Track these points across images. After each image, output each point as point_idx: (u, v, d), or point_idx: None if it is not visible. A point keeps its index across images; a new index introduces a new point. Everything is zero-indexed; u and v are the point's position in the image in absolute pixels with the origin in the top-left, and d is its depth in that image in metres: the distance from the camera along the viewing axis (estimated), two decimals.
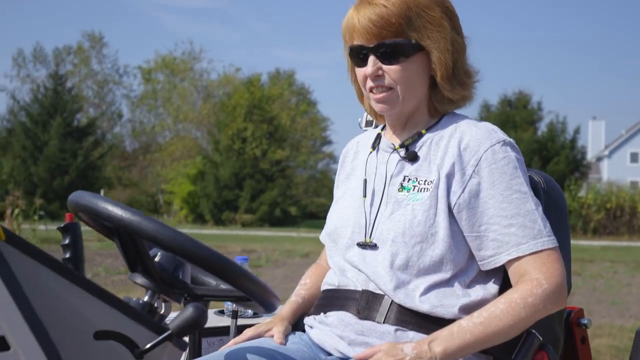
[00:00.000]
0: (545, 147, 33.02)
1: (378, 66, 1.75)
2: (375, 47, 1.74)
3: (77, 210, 1.48)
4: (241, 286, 1.42)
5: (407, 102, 1.78)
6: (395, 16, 1.71)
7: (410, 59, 1.74)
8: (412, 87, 1.77)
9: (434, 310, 1.69)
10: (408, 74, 1.75)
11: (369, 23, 1.72)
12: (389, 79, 1.75)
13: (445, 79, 1.77)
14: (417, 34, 1.73)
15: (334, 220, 1.90)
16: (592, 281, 12.26)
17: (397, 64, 1.74)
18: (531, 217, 1.69)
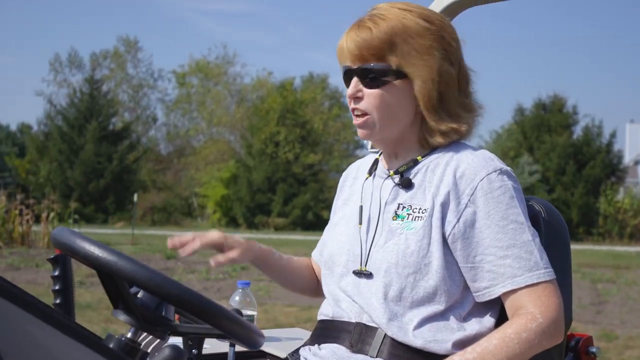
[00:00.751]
0: (581, 151, 32.58)
1: (359, 88, 1.73)
2: (357, 69, 1.73)
3: (58, 247, 1.47)
4: (222, 327, 1.40)
5: (387, 129, 1.75)
6: (378, 40, 1.69)
7: (390, 84, 1.71)
8: (391, 114, 1.73)
9: (427, 346, 1.65)
10: (386, 99, 1.72)
11: (353, 45, 1.72)
12: (365, 103, 1.73)
13: (430, 109, 1.73)
14: (400, 60, 1.70)
15: (329, 247, 1.88)
16: (626, 289, 12.07)
17: (377, 89, 1.72)
18: (527, 249, 1.65)
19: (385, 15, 1.72)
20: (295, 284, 2.11)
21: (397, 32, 1.70)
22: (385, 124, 1.74)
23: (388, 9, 1.74)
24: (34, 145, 36.94)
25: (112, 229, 27.61)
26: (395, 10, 1.73)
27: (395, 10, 1.73)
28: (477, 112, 1.80)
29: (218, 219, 34.52)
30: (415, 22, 1.72)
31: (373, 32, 1.70)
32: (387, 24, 1.70)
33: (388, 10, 1.74)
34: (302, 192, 32.64)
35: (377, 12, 1.75)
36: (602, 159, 32.43)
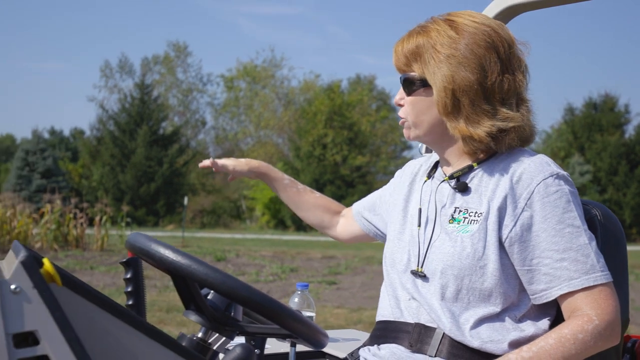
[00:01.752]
0: (633, 151, 32.02)
1: (401, 96, 1.86)
2: (400, 78, 1.86)
3: (132, 252, 1.55)
4: (289, 327, 1.46)
5: (421, 134, 1.85)
6: (408, 50, 1.81)
7: (417, 92, 1.81)
8: (420, 121, 1.83)
9: (484, 346, 1.69)
10: (416, 107, 1.83)
11: (395, 55, 1.86)
12: (403, 110, 1.87)
13: (446, 115, 1.77)
14: (421, 68, 1.80)
15: (391, 246, 1.93)
16: None
17: (410, 97, 1.83)
18: (584, 252, 1.68)
19: (428, 27, 1.81)
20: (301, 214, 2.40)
21: (423, 44, 1.79)
22: (418, 129, 1.85)
23: (433, 22, 1.83)
24: (87, 150, 37.69)
25: (162, 232, 27.98)
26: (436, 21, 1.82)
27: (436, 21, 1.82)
28: (511, 119, 1.77)
29: (267, 222, 34.76)
30: (442, 32, 1.77)
31: (405, 43, 1.83)
32: (420, 36, 1.80)
33: (432, 22, 1.83)
34: (350, 194, 32.69)
35: (425, 23, 1.84)
36: None
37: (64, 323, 1.21)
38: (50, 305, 1.20)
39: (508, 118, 1.77)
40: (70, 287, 1.27)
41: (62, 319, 1.21)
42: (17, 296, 1.19)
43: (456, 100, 1.76)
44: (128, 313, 1.32)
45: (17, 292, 1.19)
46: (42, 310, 1.20)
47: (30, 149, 34.28)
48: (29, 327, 1.19)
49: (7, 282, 1.19)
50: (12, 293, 1.19)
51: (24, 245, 1.31)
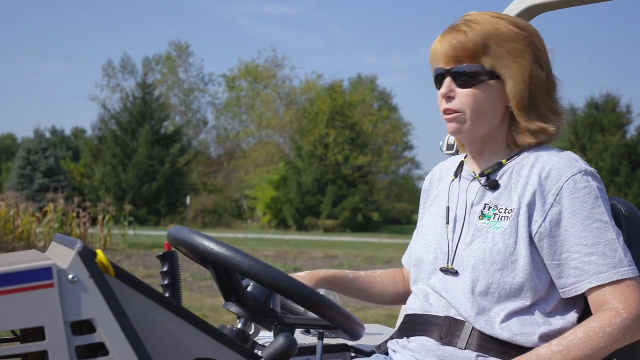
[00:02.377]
0: (635, 152, 32.06)
1: (451, 88, 1.83)
2: (451, 70, 1.83)
3: (176, 244, 1.59)
4: (328, 317, 1.50)
5: (477, 128, 1.84)
6: (473, 42, 1.80)
7: (482, 85, 1.81)
8: (482, 113, 1.83)
9: (515, 339, 1.73)
10: (479, 99, 1.81)
11: (449, 47, 1.82)
12: (458, 102, 1.83)
13: (521, 109, 1.83)
14: (494, 62, 1.80)
15: (417, 247, 1.97)
16: None
17: (469, 89, 1.81)
18: (612, 247, 1.72)
19: (478, 20, 1.83)
20: (376, 298, 2.19)
21: (491, 36, 1.81)
22: (475, 122, 1.83)
23: (480, 16, 1.86)
24: (89, 150, 37.74)
25: (164, 231, 28.01)
26: (487, 17, 1.85)
27: (487, 17, 1.85)
28: (563, 117, 1.89)
29: (268, 221, 34.80)
30: (508, 28, 1.83)
31: (468, 35, 1.81)
32: (481, 28, 1.81)
33: (481, 17, 1.85)
34: (352, 194, 32.72)
35: (471, 17, 1.86)
36: None
37: (119, 312, 1.25)
38: (106, 294, 1.25)
39: (562, 114, 1.88)
40: (121, 278, 1.31)
41: (118, 308, 1.25)
42: (75, 285, 1.23)
43: (532, 95, 1.82)
44: (177, 306, 1.37)
45: (74, 281, 1.24)
46: (98, 299, 1.24)
47: (33, 149, 34.31)
48: (86, 315, 1.24)
49: (66, 272, 1.23)
50: (70, 282, 1.23)
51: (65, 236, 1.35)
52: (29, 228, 16.33)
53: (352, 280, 2.13)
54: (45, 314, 1.21)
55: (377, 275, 2.20)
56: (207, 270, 6.27)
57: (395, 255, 17.09)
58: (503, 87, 1.82)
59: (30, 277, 1.21)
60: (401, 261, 2.23)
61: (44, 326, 1.21)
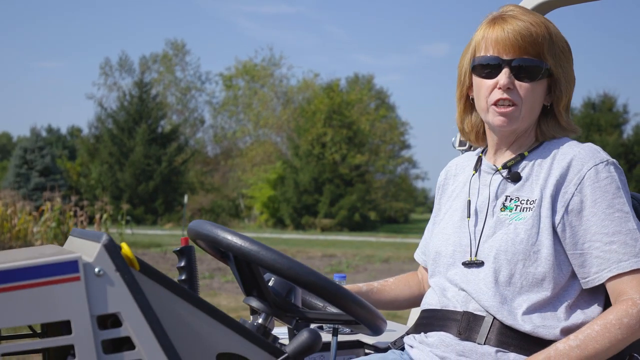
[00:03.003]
0: (632, 151, 32.13)
1: (512, 79, 1.80)
2: (513, 61, 1.80)
3: (196, 238, 1.58)
4: (352, 311, 1.49)
5: (525, 122, 1.84)
6: (541, 37, 1.79)
7: (539, 81, 1.81)
8: (532, 109, 1.83)
9: (536, 331, 1.72)
10: (535, 95, 1.82)
11: (517, 36, 1.79)
12: (517, 95, 1.81)
13: (564, 109, 1.86)
14: (553, 60, 1.81)
15: (434, 241, 1.96)
16: None
17: (528, 82, 1.80)
18: (633, 236, 1.71)
19: (534, 15, 1.83)
20: (393, 305, 2.18)
21: (551, 33, 1.81)
22: (525, 117, 1.83)
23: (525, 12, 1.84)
24: (85, 148, 37.66)
25: (161, 230, 28.00)
26: (533, 13, 1.85)
27: (533, 13, 1.85)
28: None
29: (265, 220, 34.77)
30: (555, 28, 1.84)
31: (535, 28, 1.79)
32: (543, 24, 1.81)
33: (527, 11, 1.84)
34: (349, 193, 32.69)
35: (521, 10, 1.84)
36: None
37: (145, 306, 1.24)
38: (132, 288, 1.23)
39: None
40: (146, 272, 1.30)
41: (144, 302, 1.24)
42: (101, 279, 1.22)
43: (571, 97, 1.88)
44: (200, 300, 1.35)
45: (100, 274, 1.22)
46: (124, 292, 1.23)
47: (29, 147, 34.22)
48: (112, 309, 1.22)
49: (92, 265, 1.22)
50: (96, 276, 1.22)
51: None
52: (26, 227, 16.28)
53: (366, 293, 2.11)
54: (72, 307, 1.19)
55: (391, 282, 2.19)
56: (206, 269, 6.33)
57: (392, 254, 17.09)
58: (550, 85, 1.84)
59: (57, 270, 1.19)
60: (397, 261, 2.22)
61: (70, 320, 1.20)
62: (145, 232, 24.46)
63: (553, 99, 1.85)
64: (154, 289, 1.30)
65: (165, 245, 18.33)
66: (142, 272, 1.29)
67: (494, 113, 1.83)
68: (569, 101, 1.87)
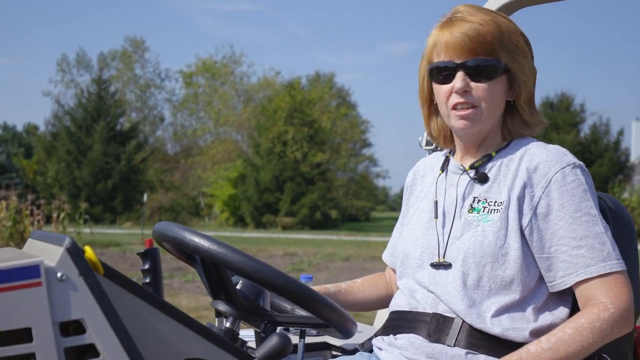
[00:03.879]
0: (589, 150, 32.63)
1: (467, 82, 1.78)
2: (466, 64, 1.77)
3: (162, 240, 1.53)
4: (322, 314, 1.46)
5: (487, 122, 1.82)
6: (490, 35, 1.76)
7: (496, 79, 1.78)
8: (494, 108, 1.81)
9: (505, 333, 1.70)
10: (494, 94, 1.79)
11: (465, 38, 1.76)
12: (474, 97, 1.79)
13: (526, 103, 1.84)
14: (507, 56, 1.78)
15: (402, 243, 1.94)
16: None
17: (485, 83, 1.78)
18: (600, 240, 1.71)
19: (483, 13, 1.80)
20: (361, 306, 2.15)
21: (502, 29, 1.78)
22: (488, 117, 1.81)
23: (479, 9, 1.82)
24: (42, 146, 37.04)
25: (120, 229, 27.69)
26: (486, 10, 1.82)
27: (486, 10, 1.82)
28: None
29: (226, 219, 34.59)
30: (509, 22, 1.82)
31: (484, 27, 1.76)
32: (492, 20, 1.78)
33: (480, 10, 1.82)
34: (310, 191, 32.67)
35: (471, 10, 1.81)
36: (609, 157, 32.48)
37: (110, 311, 1.19)
38: (96, 293, 1.19)
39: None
40: (110, 276, 1.26)
41: (109, 307, 1.19)
42: (63, 284, 1.17)
43: (532, 89, 1.85)
44: (167, 305, 1.31)
45: (63, 279, 1.18)
46: (88, 298, 1.18)
47: None
48: (75, 315, 1.18)
49: (54, 270, 1.17)
50: (59, 281, 1.17)
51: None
52: None
53: (333, 295, 2.08)
54: (33, 314, 1.14)
55: (359, 283, 2.16)
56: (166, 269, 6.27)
57: (354, 252, 17.10)
58: (509, 81, 1.81)
59: (17, 276, 1.14)
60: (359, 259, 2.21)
61: (31, 327, 1.15)
62: (103, 231, 24.16)
63: (514, 94, 1.84)
64: (119, 293, 1.26)
65: (125, 244, 18.11)
66: (107, 276, 1.25)
67: (455, 117, 1.81)
68: (531, 94, 1.85)
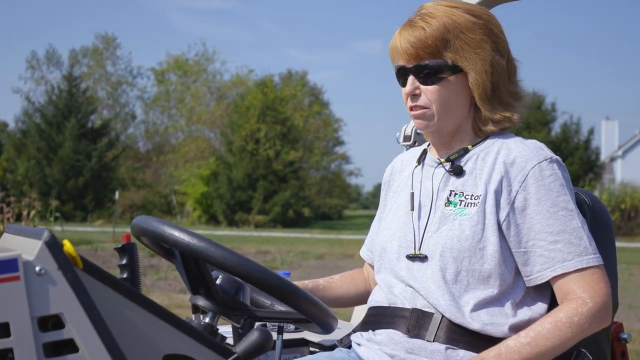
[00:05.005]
0: (559, 148, 32.91)
1: (416, 86, 1.80)
2: (413, 68, 1.79)
3: (141, 235, 1.51)
4: (303, 309, 1.46)
5: (444, 122, 1.82)
6: (432, 38, 1.76)
7: (447, 80, 1.78)
8: (448, 107, 1.80)
9: (485, 329, 1.71)
10: (444, 94, 1.79)
11: (407, 45, 1.78)
12: (424, 99, 1.80)
13: (484, 100, 1.81)
14: (455, 55, 1.77)
15: (380, 237, 1.93)
16: None
17: (434, 85, 1.78)
18: (577, 234, 1.71)
19: (434, 14, 1.79)
20: (338, 302, 2.14)
21: (448, 29, 1.77)
22: (442, 117, 1.81)
23: (436, 7, 1.82)
24: (11, 143, 36.60)
25: (91, 227, 27.45)
26: (442, 8, 1.81)
27: (442, 8, 1.81)
28: (524, 100, 1.88)
29: (198, 217, 34.42)
30: (464, 18, 1.79)
31: (427, 30, 1.77)
32: (438, 22, 1.77)
33: (436, 9, 1.81)
34: (283, 189, 32.64)
35: (426, 11, 1.82)
36: (580, 156, 32.82)
37: (89, 306, 1.17)
38: (75, 287, 1.17)
39: (523, 97, 1.87)
40: (89, 271, 1.24)
41: (88, 302, 1.17)
42: (42, 278, 1.15)
43: (494, 84, 1.81)
44: (147, 300, 1.30)
45: (41, 274, 1.15)
46: (67, 292, 1.16)
47: None
48: (54, 310, 1.16)
49: (32, 264, 1.15)
50: (37, 275, 1.15)
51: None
52: None
53: (311, 290, 2.06)
54: (11, 308, 1.12)
55: (337, 279, 2.15)
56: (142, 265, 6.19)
57: (327, 250, 17.10)
58: (466, 79, 1.80)
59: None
60: (332, 257, 2.20)
61: (8, 322, 1.13)
62: (75, 229, 23.94)
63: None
64: (98, 288, 1.24)
65: (96, 242, 17.96)
66: (86, 270, 1.23)
67: (412, 117, 1.85)
68: (488, 91, 1.80)
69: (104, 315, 1.21)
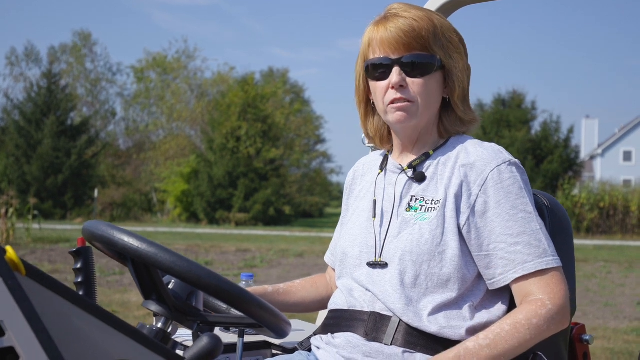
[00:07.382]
0: (539, 147, 33.14)
1: (403, 77, 1.78)
2: (402, 59, 1.78)
3: (92, 240, 1.50)
4: (254, 314, 1.45)
5: (423, 117, 1.82)
6: (425, 30, 1.77)
7: (432, 75, 1.79)
8: (429, 104, 1.81)
9: (442, 332, 1.71)
10: (429, 88, 1.80)
11: (400, 33, 1.76)
12: (411, 92, 1.79)
13: (460, 100, 1.84)
14: (442, 52, 1.79)
15: (342, 242, 1.93)
16: (585, 281, 12.30)
17: (421, 78, 1.78)
18: (536, 237, 1.72)
19: (418, 10, 1.80)
20: (299, 307, 2.14)
21: (436, 25, 1.78)
22: (424, 112, 1.81)
23: (414, 6, 1.82)
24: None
25: (71, 225, 27.27)
26: (417, 8, 1.82)
27: (417, 8, 1.82)
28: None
29: (179, 215, 34.29)
30: (442, 20, 1.82)
31: (418, 22, 1.76)
32: (426, 17, 1.78)
33: (414, 7, 1.82)
34: (264, 187, 32.57)
35: (405, 7, 1.81)
36: (559, 154, 33.02)
37: (31, 314, 1.15)
38: (16, 294, 1.15)
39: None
40: (33, 277, 1.22)
41: (29, 310, 1.15)
42: None
43: (467, 86, 1.85)
44: (94, 305, 1.28)
45: None
46: (7, 299, 1.14)
47: None
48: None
49: None
50: None
51: None
52: None
53: (272, 294, 2.07)
54: None
55: (297, 284, 2.15)
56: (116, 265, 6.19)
57: (307, 248, 17.11)
58: (444, 77, 1.82)
59: None
60: (312, 255, 2.20)
61: None
62: (53, 227, 23.78)
63: (449, 91, 1.84)
64: (42, 294, 1.22)
65: (75, 240, 17.84)
66: (30, 276, 1.21)
67: (391, 110, 1.81)
68: (465, 91, 1.85)
69: (48, 322, 1.19)
